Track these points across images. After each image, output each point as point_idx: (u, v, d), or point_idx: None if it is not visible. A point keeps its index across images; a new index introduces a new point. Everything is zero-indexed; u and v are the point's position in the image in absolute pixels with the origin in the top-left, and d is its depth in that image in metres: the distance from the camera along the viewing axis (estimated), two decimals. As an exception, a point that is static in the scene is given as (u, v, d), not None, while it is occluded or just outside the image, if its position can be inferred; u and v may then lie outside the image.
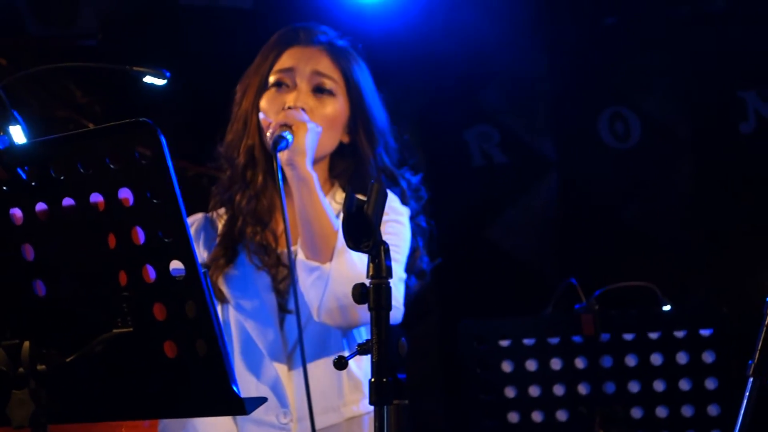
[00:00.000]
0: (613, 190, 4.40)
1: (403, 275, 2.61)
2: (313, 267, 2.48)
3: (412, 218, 2.69)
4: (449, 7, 4.36)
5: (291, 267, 2.50)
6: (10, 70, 3.82)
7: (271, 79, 2.64)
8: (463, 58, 4.37)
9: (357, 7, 4.26)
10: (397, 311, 2.51)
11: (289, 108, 2.56)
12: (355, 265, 2.46)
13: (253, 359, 2.58)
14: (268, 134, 2.54)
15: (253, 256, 2.59)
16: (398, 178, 2.70)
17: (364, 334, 2.61)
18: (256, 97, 2.65)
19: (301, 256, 2.50)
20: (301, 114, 2.54)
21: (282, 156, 2.48)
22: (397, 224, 2.61)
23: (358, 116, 2.67)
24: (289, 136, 2.47)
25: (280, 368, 2.57)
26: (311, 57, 2.65)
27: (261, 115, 2.61)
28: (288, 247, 2.47)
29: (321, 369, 2.56)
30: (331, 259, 2.47)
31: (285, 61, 2.65)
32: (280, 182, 2.45)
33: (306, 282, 2.49)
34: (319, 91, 2.63)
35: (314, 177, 2.50)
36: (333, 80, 2.65)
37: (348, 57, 2.69)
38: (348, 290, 2.43)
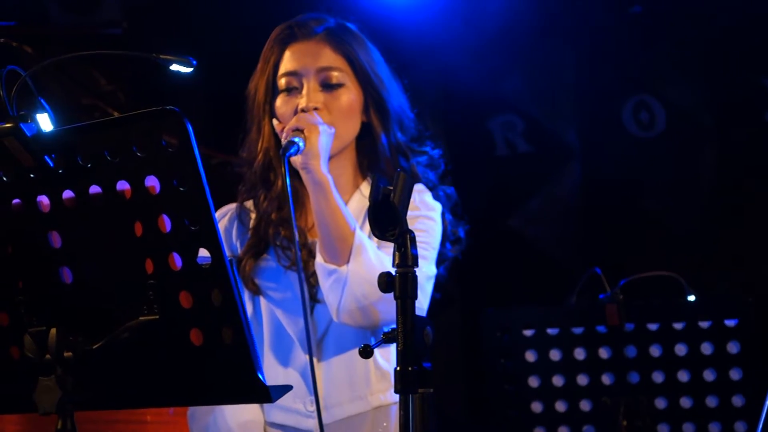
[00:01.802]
0: (637, 179, 4.39)
1: (433, 272, 2.60)
2: (331, 270, 2.49)
3: (432, 189, 2.68)
4: (472, -4, 4.35)
5: (299, 270, 2.47)
6: (35, 58, 3.84)
7: (280, 83, 2.63)
8: (487, 46, 4.36)
9: (381, -5, 4.26)
10: (419, 311, 2.51)
11: (302, 111, 2.56)
12: (373, 265, 2.46)
13: (283, 347, 2.60)
14: (282, 137, 2.54)
15: (281, 256, 2.60)
16: (409, 154, 2.69)
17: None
18: (266, 101, 2.65)
19: (319, 259, 2.51)
20: (314, 117, 2.53)
21: (296, 160, 2.48)
22: (428, 220, 2.61)
23: (368, 96, 2.65)
24: (300, 142, 2.47)
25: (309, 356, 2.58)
26: (312, 53, 2.63)
27: (275, 121, 2.62)
28: (296, 251, 2.46)
29: (349, 359, 2.56)
30: (348, 261, 2.48)
31: (288, 62, 2.63)
32: (288, 189, 2.44)
33: (324, 285, 2.50)
34: (328, 86, 2.62)
35: (329, 180, 2.49)
36: (339, 70, 2.63)
37: (348, 40, 2.66)
38: (366, 291, 2.44)
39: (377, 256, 2.47)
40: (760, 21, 4.14)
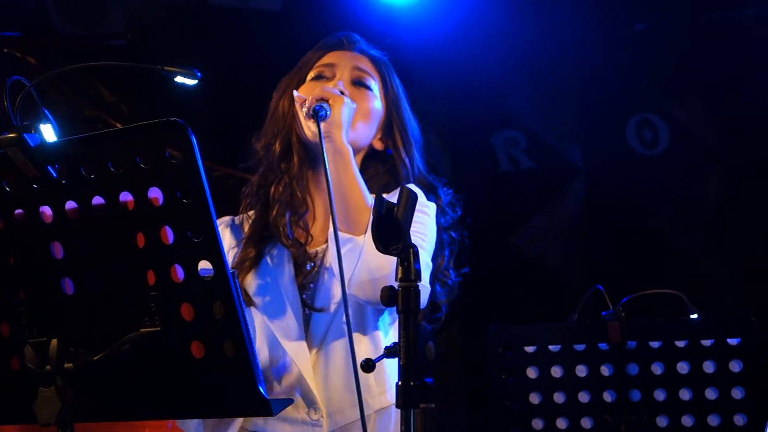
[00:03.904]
0: (640, 196, 4.39)
1: (430, 263, 2.61)
2: (347, 238, 2.49)
3: (446, 229, 2.70)
4: (478, 13, 4.36)
5: (337, 245, 2.45)
6: (39, 68, 3.84)
7: (311, 74, 2.67)
8: (491, 63, 4.37)
9: (386, 10, 4.27)
10: (424, 289, 2.48)
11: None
12: None
13: (278, 358, 2.59)
14: (304, 110, 2.54)
15: (286, 244, 2.60)
16: (437, 189, 2.71)
17: (392, 335, 2.61)
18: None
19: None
20: (338, 89, 2.55)
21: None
22: (422, 215, 2.62)
23: (394, 122, 2.69)
24: (327, 108, 2.49)
25: (305, 366, 2.57)
26: (353, 57, 2.70)
27: (295, 93, 2.62)
28: (334, 224, 2.44)
29: (346, 365, 2.55)
30: (364, 232, 2.48)
31: (326, 59, 2.69)
32: (322, 145, 2.44)
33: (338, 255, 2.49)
34: (359, 83, 2.66)
35: (350, 150, 2.51)
36: (373, 79, 2.68)
37: (388, 67, 2.74)
38: (380, 263, 2.43)
39: None
40: (764, 39, 4.15)
